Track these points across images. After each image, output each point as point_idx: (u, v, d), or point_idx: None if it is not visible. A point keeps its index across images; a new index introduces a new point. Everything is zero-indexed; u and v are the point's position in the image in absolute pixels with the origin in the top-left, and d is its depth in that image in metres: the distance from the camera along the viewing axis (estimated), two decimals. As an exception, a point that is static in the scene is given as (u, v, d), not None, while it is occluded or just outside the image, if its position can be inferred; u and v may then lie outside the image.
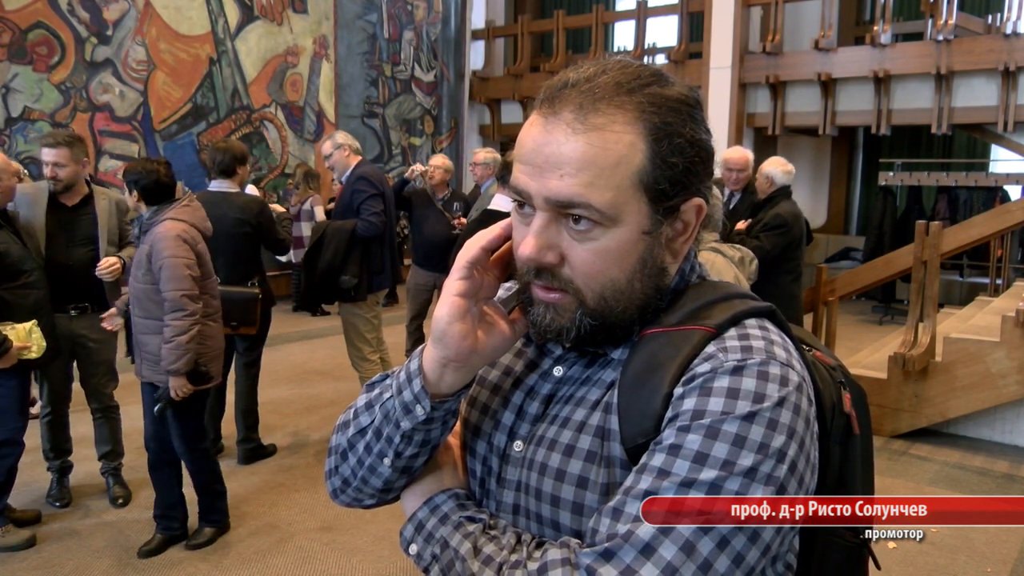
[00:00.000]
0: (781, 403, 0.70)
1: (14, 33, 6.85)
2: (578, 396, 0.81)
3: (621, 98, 0.74)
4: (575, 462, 0.77)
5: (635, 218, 0.75)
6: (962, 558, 3.31)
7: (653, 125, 0.74)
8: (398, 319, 6.98)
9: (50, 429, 3.59)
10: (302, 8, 9.23)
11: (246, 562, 3.15)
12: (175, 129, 8.14)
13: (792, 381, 0.72)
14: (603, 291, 0.76)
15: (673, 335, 0.76)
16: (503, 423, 0.85)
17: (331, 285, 4.17)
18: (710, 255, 2.86)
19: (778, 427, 0.69)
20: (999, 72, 7.29)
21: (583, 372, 0.83)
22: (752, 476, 0.68)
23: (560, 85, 0.76)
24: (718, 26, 8.69)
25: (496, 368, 0.90)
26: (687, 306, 0.79)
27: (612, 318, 0.77)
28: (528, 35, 10.68)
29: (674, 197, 0.76)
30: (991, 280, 8.19)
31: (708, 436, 0.69)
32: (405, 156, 10.69)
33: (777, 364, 0.72)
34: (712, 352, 0.73)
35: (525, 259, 0.76)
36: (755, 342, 0.74)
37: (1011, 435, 4.72)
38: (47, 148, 3.34)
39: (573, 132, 0.73)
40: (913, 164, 9.17)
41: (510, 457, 0.83)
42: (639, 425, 0.73)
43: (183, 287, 2.98)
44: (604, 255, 0.75)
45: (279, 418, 4.88)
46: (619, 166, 0.73)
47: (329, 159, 4.31)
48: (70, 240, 3.40)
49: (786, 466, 0.69)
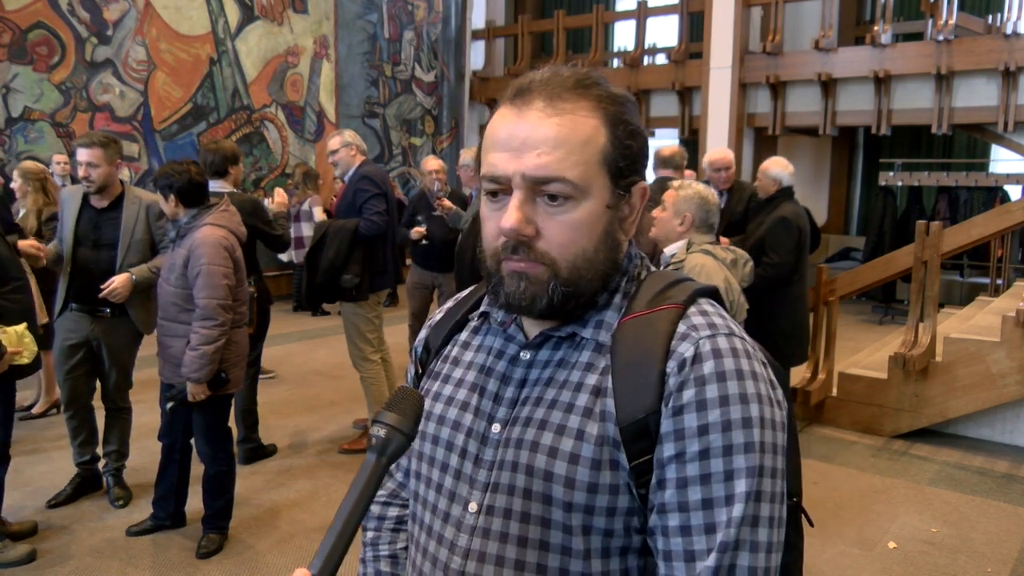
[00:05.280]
0: (755, 377, 0.82)
1: (14, 33, 6.85)
2: (558, 379, 0.88)
3: (581, 91, 0.85)
4: (567, 440, 0.84)
5: (601, 193, 0.85)
6: (962, 558, 3.31)
7: (609, 113, 0.85)
8: (399, 319, 6.99)
9: (70, 429, 3.61)
10: (302, 8, 9.23)
11: (246, 562, 3.15)
12: (175, 129, 8.14)
13: (751, 353, 0.85)
14: (575, 260, 0.85)
15: (649, 317, 0.86)
16: (482, 410, 0.91)
17: (333, 284, 4.17)
18: (701, 258, 2.86)
19: (764, 406, 0.82)
20: (999, 72, 7.29)
21: (553, 354, 0.90)
22: (774, 461, 0.81)
23: (527, 82, 0.86)
24: (718, 26, 8.69)
25: (459, 365, 0.97)
26: (649, 292, 0.89)
27: (582, 287, 0.86)
28: (528, 35, 10.68)
29: (629, 176, 0.87)
30: (991, 280, 8.19)
31: (726, 473, 0.79)
32: (405, 156, 10.70)
33: (737, 338, 0.84)
34: (684, 331, 0.84)
35: (508, 230, 0.83)
36: (715, 319, 0.86)
37: (1011, 435, 4.72)
38: (82, 148, 3.34)
39: (546, 116, 0.83)
40: (913, 164, 9.17)
41: (489, 439, 0.89)
42: (638, 402, 0.82)
43: (217, 296, 2.97)
44: (577, 226, 0.84)
45: (279, 418, 4.88)
46: (588, 145, 0.83)
47: (334, 155, 4.31)
48: (96, 243, 3.42)
49: (781, 432, 0.83)
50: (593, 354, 0.87)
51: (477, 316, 0.99)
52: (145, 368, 4.24)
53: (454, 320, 1.03)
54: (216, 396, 3.09)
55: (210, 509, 3.24)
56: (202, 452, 3.21)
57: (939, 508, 3.82)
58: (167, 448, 3.26)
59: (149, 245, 3.52)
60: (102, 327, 3.48)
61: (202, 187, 3.10)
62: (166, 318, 3.09)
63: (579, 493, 0.82)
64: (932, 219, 6.37)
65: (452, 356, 0.99)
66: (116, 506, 3.58)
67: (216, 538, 3.23)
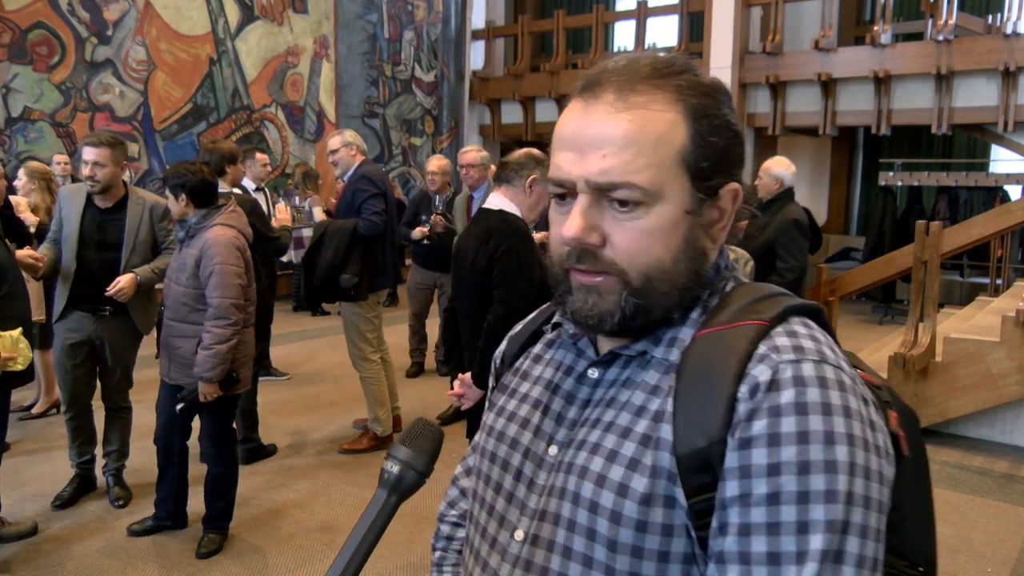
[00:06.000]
0: (847, 413, 0.68)
1: (14, 33, 6.85)
2: (620, 400, 0.79)
3: (659, 80, 0.75)
4: (616, 468, 0.74)
5: (678, 196, 0.75)
6: (962, 558, 3.31)
7: (691, 105, 0.75)
8: (399, 319, 6.99)
9: (70, 430, 3.59)
10: (302, 8, 9.23)
11: (246, 562, 3.15)
12: (175, 129, 8.14)
13: (846, 385, 0.70)
14: (648, 270, 0.75)
15: (726, 333, 0.74)
16: (543, 430, 0.84)
17: (332, 284, 4.17)
18: None
19: (856, 444, 0.67)
20: (999, 72, 7.29)
21: (621, 373, 0.81)
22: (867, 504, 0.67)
23: (599, 72, 0.77)
24: (718, 26, 8.69)
25: (526, 380, 0.90)
26: (735, 304, 0.78)
27: (656, 299, 0.76)
28: (528, 35, 10.68)
29: (714, 177, 0.77)
30: (991, 280, 8.19)
31: (800, 502, 0.66)
32: (405, 156, 10.70)
33: (829, 366, 0.71)
34: (764, 352, 0.71)
35: (569, 239, 0.76)
36: (804, 341, 0.73)
37: (1011, 435, 4.72)
38: (89, 147, 3.33)
39: (615, 111, 0.74)
40: (913, 164, 9.17)
41: (544, 462, 0.82)
42: (700, 429, 0.70)
43: (231, 295, 2.98)
44: (648, 233, 0.75)
45: (279, 418, 4.88)
46: (660, 143, 0.74)
47: (335, 154, 4.31)
48: (100, 244, 3.42)
49: (878, 485, 0.68)
50: (661, 376, 0.77)
51: (551, 327, 0.92)
52: (145, 368, 4.25)
53: (531, 331, 0.96)
54: (224, 397, 3.09)
55: (211, 509, 3.24)
56: (206, 453, 3.20)
57: (939, 508, 3.78)
58: (165, 450, 3.24)
59: (151, 246, 3.52)
60: (104, 326, 3.48)
61: (213, 188, 3.11)
62: (175, 318, 3.07)
63: (625, 531, 0.72)
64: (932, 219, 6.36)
65: (523, 370, 0.92)
66: (116, 506, 3.57)
67: (216, 538, 3.23)
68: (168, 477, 3.27)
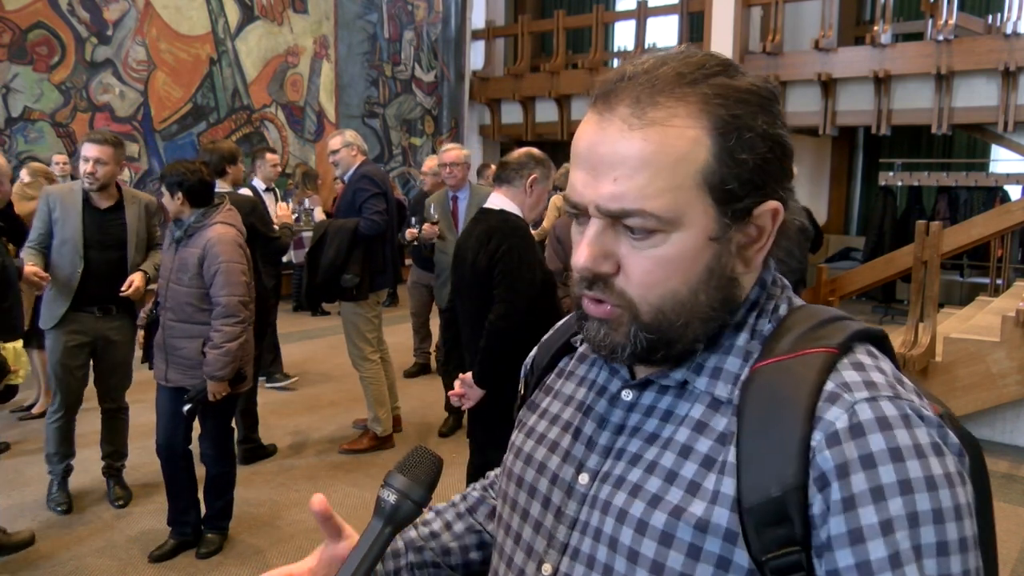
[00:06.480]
0: (938, 451, 0.63)
1: (14, 33, 6.85)
2: (662, 436, 0.72)
3: (683, 89, 0.67)
4: (659, 514, 0.68)
5: (700, 221, 0.67)
6: (962, 558, 3.31)
7: (719, 118, 0.66)
8: (399, 319, 6.99)
9: (60, 433, 3.52)
10: (302, 8, 9.23)
11: (246, 562, 3.15)
12: (175, 129, 8.14)
13: (925, 417, 0.65)
14: (661, 304, 0.69)
15: (790, 363, 0.67)
16: (572, 454, 0.78)
17: (333, 284, 4.18)
18: None
19: (953, 487, 0.63)
20: (999, 72, 7.29)
21: (658, 399, 0.74)
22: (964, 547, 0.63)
23: (616, 78, 0.69)
24: (718, 26, 8.69)
25: (557, 398, 0.85)
26: (796, 330, 0.70)
27: (671, 333, 0.70)
28: (528, 35, 10.68)
29: (745, 198, 0.68)
30: (991, 280, 8.19)
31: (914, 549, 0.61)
32: (405, 156, 10.70)
33: (904, 401, 0.65)
34: (834, 391, 0.65)
35: (579, 269, 0.70)
36: (874, 375, 0.67)
37: (1011, 435, 4.72)
38: (92, 144, 3.32)
39: (629, 128, 0.66)
40: (913, 164, 9.16)
41: (574, 491, 0.76)
42: (771, 475, 0.64)
43: (238, 293, 2.98)
44: (665, 264, 0.68)
45: (279, 418, 4.88)
46: (680, 164, 0.66)
47: (335, 155, 4.31)
48: (101, 244, 3.42)
49: (970, 521, 0.64)
50: (708, 411, 0.71)
51: (580, 341, 0.85)
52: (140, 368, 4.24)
53: (563, 340, 0.90)
54: (227, 396, 3.08)
55: (211, 510, 3.24)
56: (207, 454, 3.20)
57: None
58: (172, 456, 3.13)
59: (147, 243, 3.55)
60: (108, 325, 3.49)
61: (210, 188, 3.10)
62: (179, 319, 3.03)
63: None
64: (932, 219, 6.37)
65: (554, 388, 0.87)
66: (116, 506, 3.58)
67: (216, 538, 3.23)
68: (180, 487, 3.18)
